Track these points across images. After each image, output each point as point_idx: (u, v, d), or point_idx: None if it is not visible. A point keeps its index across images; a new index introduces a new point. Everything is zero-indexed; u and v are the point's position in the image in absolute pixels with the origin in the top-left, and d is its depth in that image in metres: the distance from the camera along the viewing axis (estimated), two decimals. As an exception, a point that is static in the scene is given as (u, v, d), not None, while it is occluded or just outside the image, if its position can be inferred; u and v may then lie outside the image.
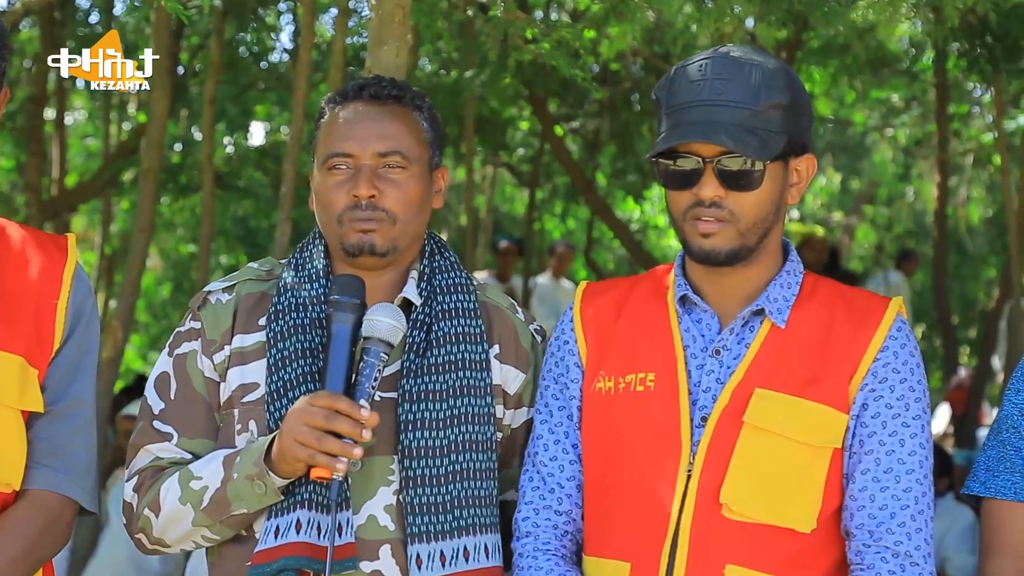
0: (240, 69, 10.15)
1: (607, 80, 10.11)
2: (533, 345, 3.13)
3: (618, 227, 10.84)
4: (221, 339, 3.04)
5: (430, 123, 3.08)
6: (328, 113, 3.07)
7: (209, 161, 8.40)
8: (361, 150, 2.99)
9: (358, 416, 2.80)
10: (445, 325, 3.02)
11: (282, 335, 2.98)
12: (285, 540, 2.87)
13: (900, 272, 14.24)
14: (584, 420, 2.97)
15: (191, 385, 3.04)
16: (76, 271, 3.02)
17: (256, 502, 2.89)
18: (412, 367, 2.98)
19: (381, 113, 3.02)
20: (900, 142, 16.32)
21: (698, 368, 2.89)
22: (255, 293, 3.08)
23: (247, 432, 2.98)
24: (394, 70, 4.08)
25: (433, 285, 3.06)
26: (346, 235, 2.99)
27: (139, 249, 7.60)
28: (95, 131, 15.34)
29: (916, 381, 2.87)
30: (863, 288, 3.12)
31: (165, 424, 3.03)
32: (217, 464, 2.93)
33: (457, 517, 2.94)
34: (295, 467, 2.84)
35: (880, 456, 2.83)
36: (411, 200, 3.00)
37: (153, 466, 3.01)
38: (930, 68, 11.26)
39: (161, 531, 2.99)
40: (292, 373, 2.95)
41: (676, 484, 2.82)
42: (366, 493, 2.93)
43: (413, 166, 3.02)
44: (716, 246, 2.85)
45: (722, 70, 2.83)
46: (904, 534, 2.80)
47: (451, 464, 2.95)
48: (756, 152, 2.79)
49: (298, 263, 3.09)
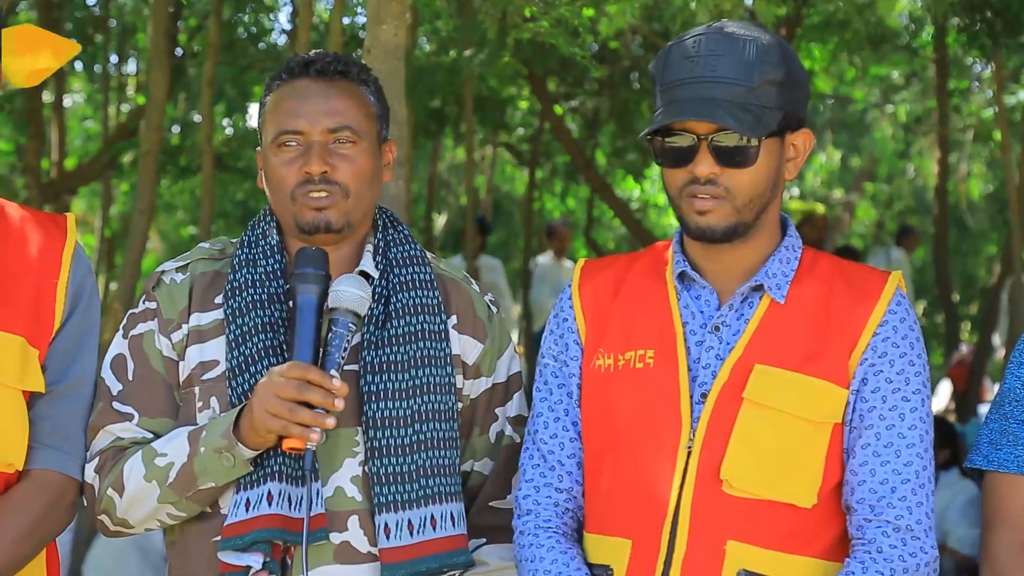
0: (238, 50, 10.14)
1: (606, 58, 10.10)
2: (489, 316, 3.14)
3: (618, 206, 10.84)
4: (178, 318, 3.03)
5: (377, 97, 3.09)
6: (274, 90, 3.06)
7: (208, 143, 8.40)
8: (311, 127, 2.99)
9: (329, 386, 2.80)
10: (403, 296, 3.03)
11: (241, 311, 2.98)
12: (256, 512, 2.87)
13: (901, 248, 14.24)
14: (584, 397, 2.97)
15: (149, 364, 3.02)
16: (76, 250, 3.03)
17: (224, 475, 2.89)
18: (373, 339, 2.98)
19: (329, 89, 3.02)
20: (900, 119, 16.30)
21: (697, 344, 2.89)
22: (209, 272, 3.07)
23: (208, 409, 2.98)
24: (393, 49, 4.09)
25: (388, 258, 3.07)
26: (300, 213, 2.99)
27: (139, 231, 7.61)
28: (94, 113, 15.34)
29: (916, 355, 2.87)
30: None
31: (124, 404, 3.01)
32: (182, 440, 2.92)
33: (423, 486, 2.95)
34: (266, 439, 2.84)
35: (880, 430, 2.82)
36: (363, 174, 3.01)
37: (114, 446, 2.99)
38: (930, 44, 11.24)
39: (125, 511, 2.97)
40: (253, 348, 2.95)
41: (676, 461, 2.82)
42: (332, 465, 2.94)
43: (363, 140, 3.02)
44: (712, 223, 2.85)
45: (716, 46, 2.82)
46: (905, 508, 2.80)
47: (415, 434, 2.96)
48: (751, 129, 2.79)
49: (250, 240, 3.08)
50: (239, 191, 13.53)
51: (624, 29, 7.77)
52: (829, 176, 19.27)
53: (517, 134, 13.28)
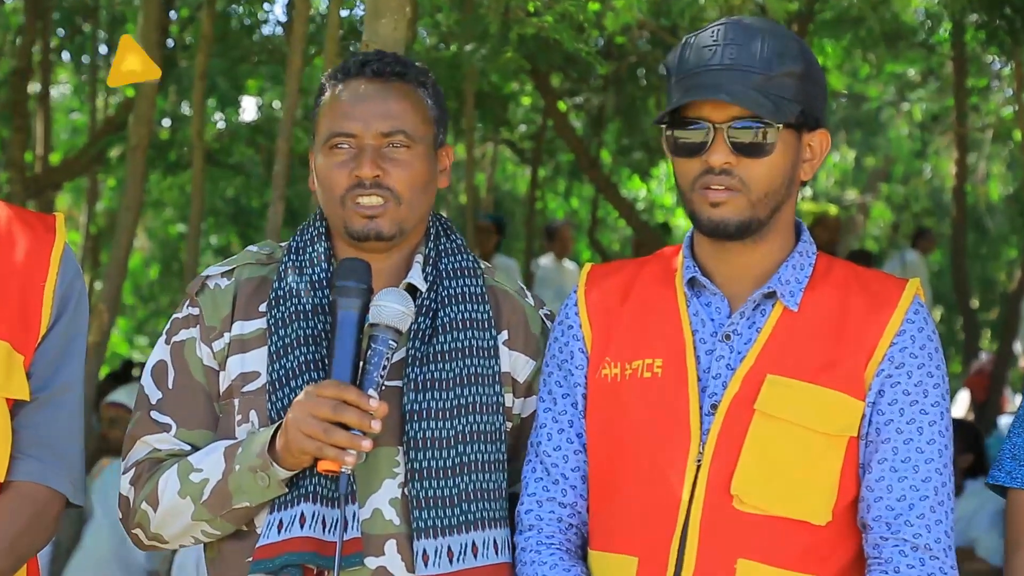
0: (231, 42, 10.13)
1: (612, 54, 10.10)
2: (543, 331, 3.12)
3: (623, 206, 10.84)
4: (220, 326, 3.02)
5: (435, 100, 3.07)
6: (328, 90, 3.05)
7: (199, 137, 8.39)
8: (364, 129, 2.98)
9: (367, 406, 2.78)
10: (452, 311, 3.02)
11: (284, 321, 2.97)
12: (289, 535, 2.86)
13: (916, 251, 14.24)
14: (589, 408, 2.97)
15: (190, 373, 3.02)
16: (64, 252, 3.02)
17: (259, 495, 2.88)
18: (418, 354, 2.97)
19: (385, 90, 3.01)
20: (916, 117, 16.30)
21: (707, 353, 2.88)
22: (255, 278, 3.06)
23: (247, 423, 2.97)
24: (392, 43, 4.08)
25: (439, 269, 3.06)
26: (350, 219, 2.98)
27: (126, 229, 7.60)
28: (81, 106, 15.34)
29: (935, 366, 2.87)
30: (879, 269, 3.12)
31: (163, 414, 3.01)
32: (218, 455, 2.92)
33: (465, 511, 2.93)
34: (301, 459, 2.83)
35: (897, 444, 2.82)
36: (416, 180, 2.99)
37: (151, 458, 3.00)
38: (947, 40, 11.23)
39: (159, 526, 2.97)
40: (295, 361, 2.94)
41: (685, 475, 2.81)
42: (370, 486, 2.93)
43: (418, 145, 3.00)
44: (726, 216, 2.84)
45: (735, 36, 2.83)
46: (923, 526, 2.79)
47: (459, 456, 2.94)
48: (770, 114, 2.79)
49: (298, 246, 3.07)
50: (230, 188, 13.53)
51: (631, 24, 7.76)
52: (843, 176, 19.27)
53: (519, 131, 13.27)
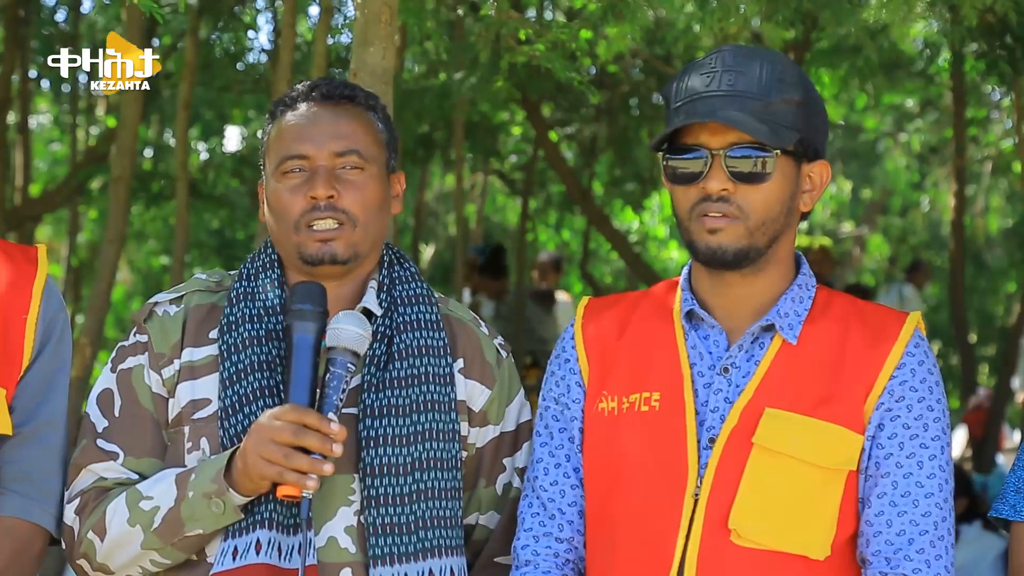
0: (216, 71, 10.15)
1: (604, 83, 10.14)
2: (498, 360, 3.14)
3: (616, 238, 10.85)
4: (170, 352, 3.03)
5: (384, 124, 3.11)
6: (278, 116, 3.07)
7: (183, 168, 8.41)
8: (317, 151, 3.00)
9: (328, 430, 2.80)
10: (407, 337, 3.04)
11: (236, 347, 2.98)
12: (244, 561, 2.87)
13: (911, 285, 14.26)
14: (586, 442, 2.98)
15: (137, 401, 3.02)
16: (47, 284, 3.03)
17: (213, 522, 2.89)
18: (374, 380, 2.99)
19: (335, 112, 3.04)
20: (914, 148, 16.36)
21: (705, 387, 2.90)
22: (204, 304, 3.08)
23: (198, 450, 2.98)
24: (380, 72, 4.10)
25: (393, 296, 3.08)
26: (304, 244, 3.00)
27: (109, 261, 7.61)
28: (61, 136, 15.35)
29: (935, 400, 2.89)
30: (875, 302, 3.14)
31: (109, 443, 3.01)
32: (169, 483, 2.92)
33: (422, 539, 2.95)
34: (260, 485, 2.84)
35: (897, 479, 2.84)
36: (370, 201, 3.02)
37: (97, 487, 2.99)
38: (946, 70, 11.29)
39: (106, 556, 2.96)
40: (248, 387, 2.95)
41: (683, 509, 2.83)
42: (326, 514, 2.94)
43: (371, 166, 3.03)
44: (723, 243, 2.87)
45: (734, 63, 2.88)
46: (923, 561, 2.81)
47: (415, 483, 2.96)
48: (767, 139, 2.82)
49: (249, 273, 3.09)
50: (215, 219, 13.53)
51: (624, 53, 7.80)
52: (839, 208, 19.32)
53: (510, 162, 13.30)
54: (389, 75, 4.15)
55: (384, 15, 4.12)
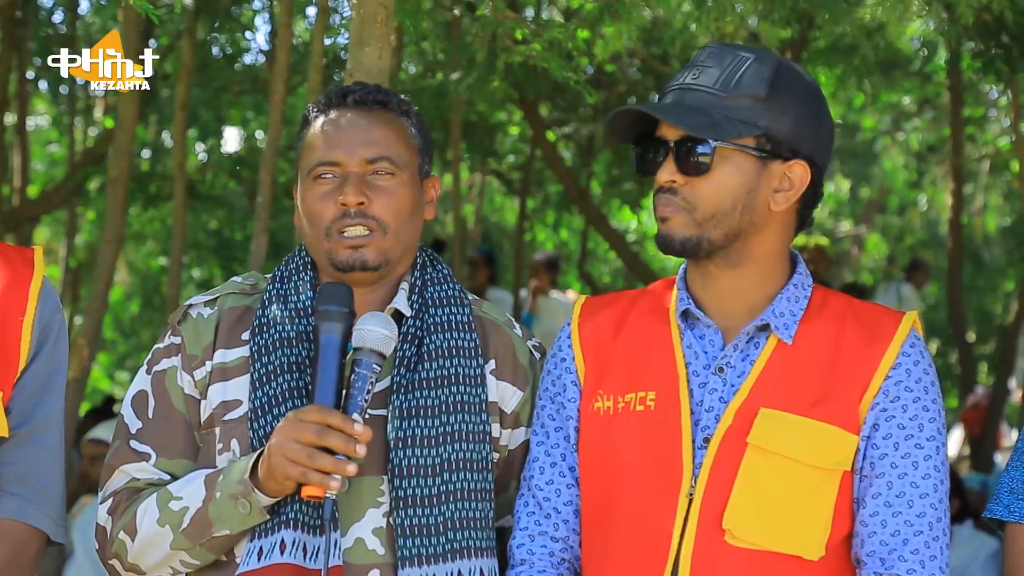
0: (213, 71, 10.16)
1: (602, 83, 10.14)
2: (531, 362, 3.14)
3: (614, 238, 10.86)
4: (202, 354, 3.05)
5: (419, 130, 3.11)
6: (311, 122, 3.09)
7: (181, 169, 8.41)
8: (348, 157, 3.01)
9: (351, 431, 2.81)
10: (437, 338, 3.04)
11: (266, 349, 3.00)
12: (269, 561, 2.88)
13: (909, 284, 14.27)
14: (582, 441, 2.99)
15: (170, 403, 3.04)
16: (43, 286, 3.03)
17: (240, 522, 2.90)
18: (403, 382, 2.99)
19: (368, 119, 3.05)
20: (912, 147, 16.37)
21: (701, 386, 2.91)
22: (238, 307, 3.09)
23: (229, 451, 2.99)
24: (376, 72, 4.10)
25: (425, 297, 3.08)
26: (335, 251, 3.01)
27: (106, 262, 7.60)
28: (59, 137, 15.35)
29: (930, 400, 2.89)
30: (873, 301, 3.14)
31: (142, 444, 3.03)
32: (198, 484, 2.94)
33: (451, 539, 2.95)
34: (284, 485, 2.85)
35: (892, 479, 2.84)
36: (402, 208, 3.02)
37: (129, 487, 3.01)
38: (943, 69, 11.29)
39: (137, 556, 2.98)
40: (277, 388, 2.96)
41: (677, 509, 2.84)
42: (354, 515, 2.94)
43: (403, 173, 3.04)
44: (670, 231, 2.89)
45: (707, 58, 2.91)
46: (917, 562, 2.82)
47: (444, 484, 2.96)
48: (693, 128, 2.83)
49: (283, 275, 3.11)
50: (213, 220, 13.53)
51: (621, 52, 7.80)
52: (837, 207, 19.32)
53: (507, 161, 13.31)
54: (385, 75, 4.15)
55: (380, 15, 4.13)
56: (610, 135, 2.97)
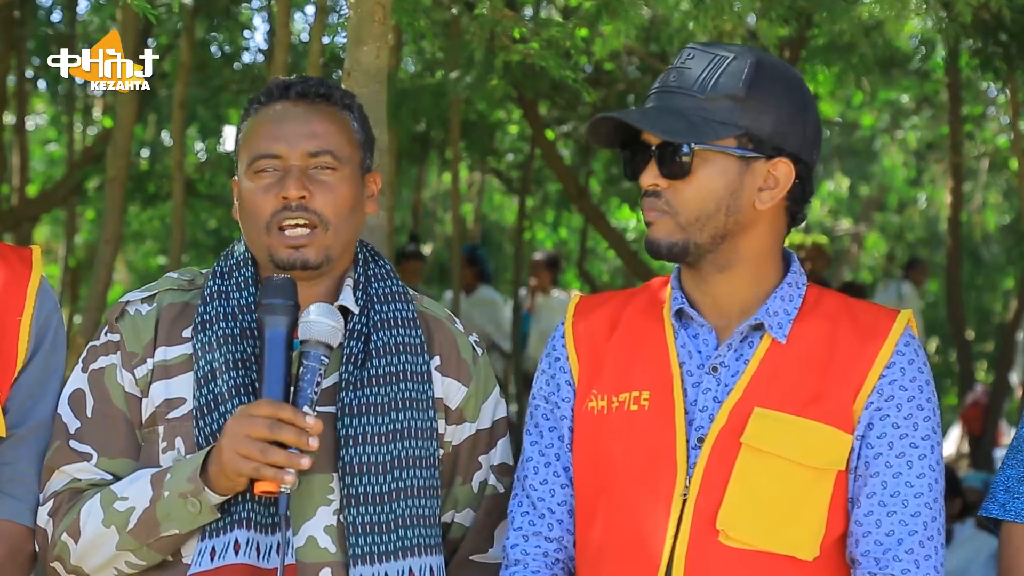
0: (212, 70, 10.17)
1: (601, 81, 10.14)
2: (473, 357, 3.14)
3: (613, 237, 10.86)
4: (143, 352, 3.01)
5: (361, 124, 3.09)
6: (252, 114, 3.06)
7: (179, 168, 8.42)
8: (289, 150, 2.99)
9: (303, 424, 2.79)
10: (384, 335, 3.03)
11: (210, 346, 2.97)
12: (223, 562, 2.86)
13: (908, 282, 14.27)
14: (576, 441, 2.98)
15: (110, 401, 3.00)
16: (41, 285, 3.03)
17: (189, 522, 2.87)
18: (351, 379, 2.98)
19: (309, 112, 3.02)
20: (911, 145, 16.36)
21: (694, 386, 2.90)
22: (177, 303, 3.06)
23: (173, 450, 2.96)
24: (374, 72, 4.10)
25: (369, 294, 3.07)
26: (275, 248, 2.98)
27: (105, 261, 7.61)
28: (58, 136, 15.36)
29: (925, 399, 2.88)
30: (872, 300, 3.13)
31: (82, 444, 2.99)
32: (144, 483, 2.90)
33: (401, 537, 2.95)
34: (236, 482, 2.83)
35: (887, 479, 2.84)
36: (342, 203, 3.00)
37: (71, 488, 2.97)
38: (942, 67, 11.30)
39: (80, 558, 2.94)
40: (223, 386, 2.94)
41: (671, 509, 2.83)
42: (305, 513, 2.93)
43: (344, 167, 3.02)
44: (657, 237, 2.89)
45: (689, 59, 2.90)
46: (912, 561, 2.81)
47: (395, 481, 2.96)
48: (670, 133, 2.83)
49: (223, 271, 3.07)
50: (212, 219, 13.53)
51: (619, 51, 7.81)
52: (836, 205, 19.32)
53: (506, 160, 13.31)
54: (383, 74, 4.15)
55: (377, 14, 4.13)
56: (594, 140, 2.96)
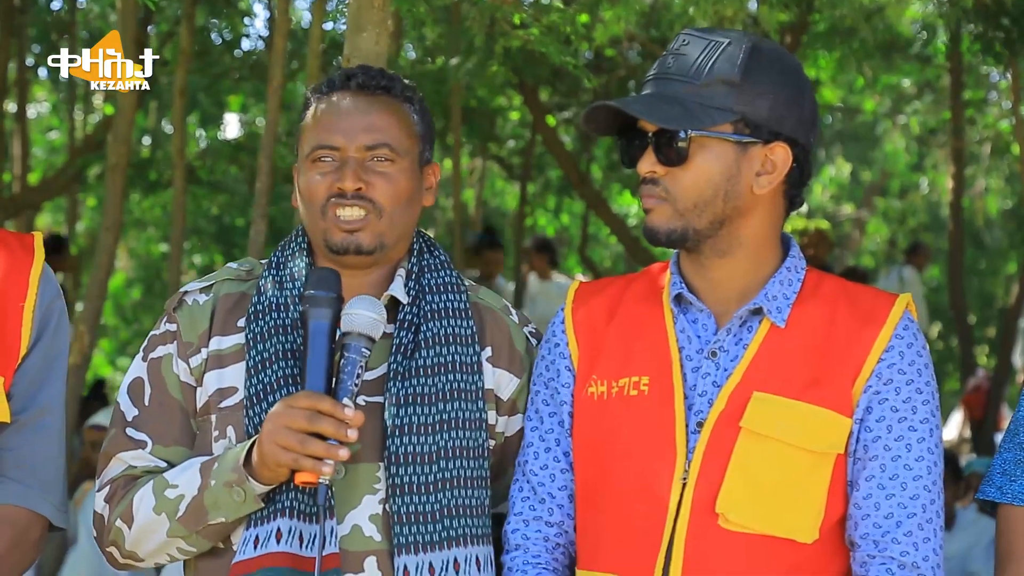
0: (212, 58, 10.16)
1: (601, 67, 10.14)
2: (528, 349, 3.14)
3: (614, 222, 10.86)
4: (198, 342, 3.05)
5: (421, 116, 3.11)
6: (313, 104, 3.09)
7: (180, 155, 8.42)
8: (347, 142, 3.01)
9: (342, 416, 2.81)
10: (434, 325, 3.05)
11: (262, 336, 3.00)
12: (265, 550, 2.89)
13: (910, 266, 14.27)
14: (576, 426, 2.99)
15: (166, 390, 3.05)
16: (43, 272, 3.04)
17: (235, 510, 2.91)
18: (400, 369, 2.99)
19: (369, 104, 3.05)
20: (913, 130, 16.35)
21: (694, 371, 2.91)
22: (234, 294, 3.09)
23: (225, 439, 3.00)
24: (373, 58, 4.10)
25: (421, 284, 3.09)
26: (330, 232, 3.01)
27: (106, 249, 7.62)
28: (59, 124, 15.37)
29: (924, 383, 2.89)
30: (874, 285, 3.14)
31: (139, 431, 3.04)
32: (194, 471, 2.94)
33: (447, 527, 2.96)
34: (277, 473, 2.85)
35: (885, 462, 2.85)
36: (399, 194, 3.02)
37: (126, 475, 3.02)
38: (943, 52, 11.29)
39: (134, 543, 3.00)
40: (273, 376, 2.96)
41: (671, 493, 2.84)
42: (350, 502, 2.95)
43: (402, 159, 3.04)
44: (655, 224, 2.90)
45: (683, 45, 2.90)
46: (911, 544, 2.82)
47: (440, 471, 2.97)
48: (665, 120, 2.84)
49: (279, 261, 3.10)
50: (213, 206, 13.54)
51: (620, 36, 7.81)
52: (838, 190, 19.32)
53: (508, 146, 13.31)
54: (382, 60, 4.15)
55: (377, 0, 4.14)
56: (591, 128, 2.96)
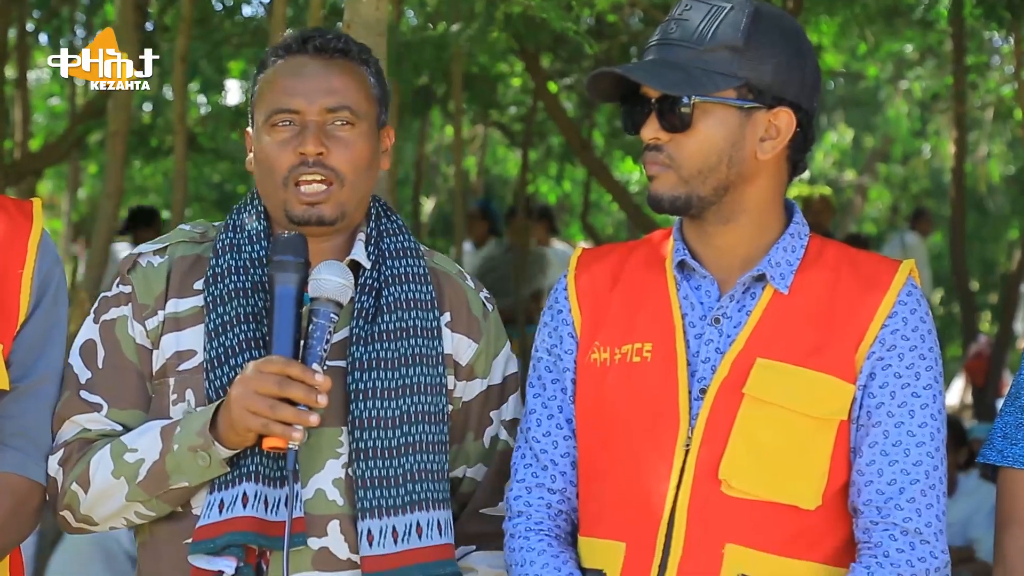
0: (213, 24, 10.13)
1: (603, 33, 10.11)
2: (484, 314, 3.15)
3: (617, 189, 10.84)
4: (154, 304, 3.02)
5: (377, 79, 3.09)
6: (270, 67, 3.05)
7: (181, 122, 8.39)
8: (307, 105, 2.98)
9: (312, 381, 2.80)
10: (395, 290, 3.04)
11: (222, 299, 2.98)
12: (231, 514, 2.88)
13: (915, 232, 14.26)
14: (578, 393, 2.99)
15: (121, 352, 3.02)
16: (42, 238, 3.03)
17: (198, 475, 2.89)
18: (362, 334, 2.99)
19: (328, 67, 3.02)
20: (915, 96, 16.32)
21: (697, 337, 2.90)
22: (189, 256, 3.07)
23: (183, 402, 2.98)
24: (373, 23, 4.08)
25: (381, 248, 3.08)
26: (291, 203, 2.98)
27: (107, 216, 7.61)
28: (60, 90, 15.34)
29: (927, 348, 2.89)
30: (878, 252, 3.13)
31: (93, 394, 3.01)
32: (154, 435, 2.92)
33: (410, 491, 2.96)
34: (245, 437, 2.84)
35: (888, 428, 2.84)
36: (360, 159, 3.01)
37: (81, 438, 2.98)
38: (946, 16, 11.25)
39: (89, 507, 2.96)
40: (233, 339, 2.95)
41: (673, 460, 2.84)
42: (313, 466, 2.95)
43: (361, 123, 3.02)
44: (658, 191, 2.89)
45: (684, 10, 2.89)
46: (914, 510, 2.82)
47: (403, 436, 2.97)
48: (669, 86, 2.82)
49: (235, 224, 3.08)
50: (214, 173, 13.53)
51: (622, 2, 7.78)
52: (841, 156, 19.30)
53: (509, 113, 13.28)
54: (383, 26, 4.13)
55: (377, -34, 4.11)
56: (594, 95, 2.95)
